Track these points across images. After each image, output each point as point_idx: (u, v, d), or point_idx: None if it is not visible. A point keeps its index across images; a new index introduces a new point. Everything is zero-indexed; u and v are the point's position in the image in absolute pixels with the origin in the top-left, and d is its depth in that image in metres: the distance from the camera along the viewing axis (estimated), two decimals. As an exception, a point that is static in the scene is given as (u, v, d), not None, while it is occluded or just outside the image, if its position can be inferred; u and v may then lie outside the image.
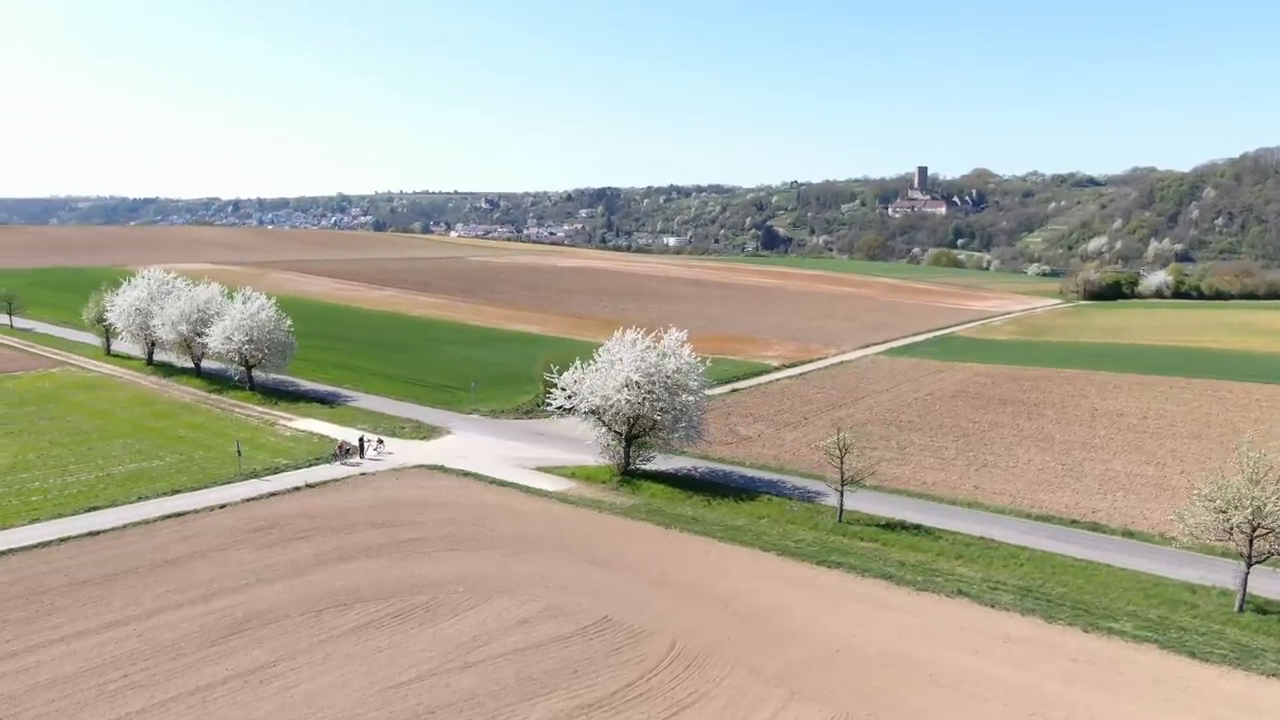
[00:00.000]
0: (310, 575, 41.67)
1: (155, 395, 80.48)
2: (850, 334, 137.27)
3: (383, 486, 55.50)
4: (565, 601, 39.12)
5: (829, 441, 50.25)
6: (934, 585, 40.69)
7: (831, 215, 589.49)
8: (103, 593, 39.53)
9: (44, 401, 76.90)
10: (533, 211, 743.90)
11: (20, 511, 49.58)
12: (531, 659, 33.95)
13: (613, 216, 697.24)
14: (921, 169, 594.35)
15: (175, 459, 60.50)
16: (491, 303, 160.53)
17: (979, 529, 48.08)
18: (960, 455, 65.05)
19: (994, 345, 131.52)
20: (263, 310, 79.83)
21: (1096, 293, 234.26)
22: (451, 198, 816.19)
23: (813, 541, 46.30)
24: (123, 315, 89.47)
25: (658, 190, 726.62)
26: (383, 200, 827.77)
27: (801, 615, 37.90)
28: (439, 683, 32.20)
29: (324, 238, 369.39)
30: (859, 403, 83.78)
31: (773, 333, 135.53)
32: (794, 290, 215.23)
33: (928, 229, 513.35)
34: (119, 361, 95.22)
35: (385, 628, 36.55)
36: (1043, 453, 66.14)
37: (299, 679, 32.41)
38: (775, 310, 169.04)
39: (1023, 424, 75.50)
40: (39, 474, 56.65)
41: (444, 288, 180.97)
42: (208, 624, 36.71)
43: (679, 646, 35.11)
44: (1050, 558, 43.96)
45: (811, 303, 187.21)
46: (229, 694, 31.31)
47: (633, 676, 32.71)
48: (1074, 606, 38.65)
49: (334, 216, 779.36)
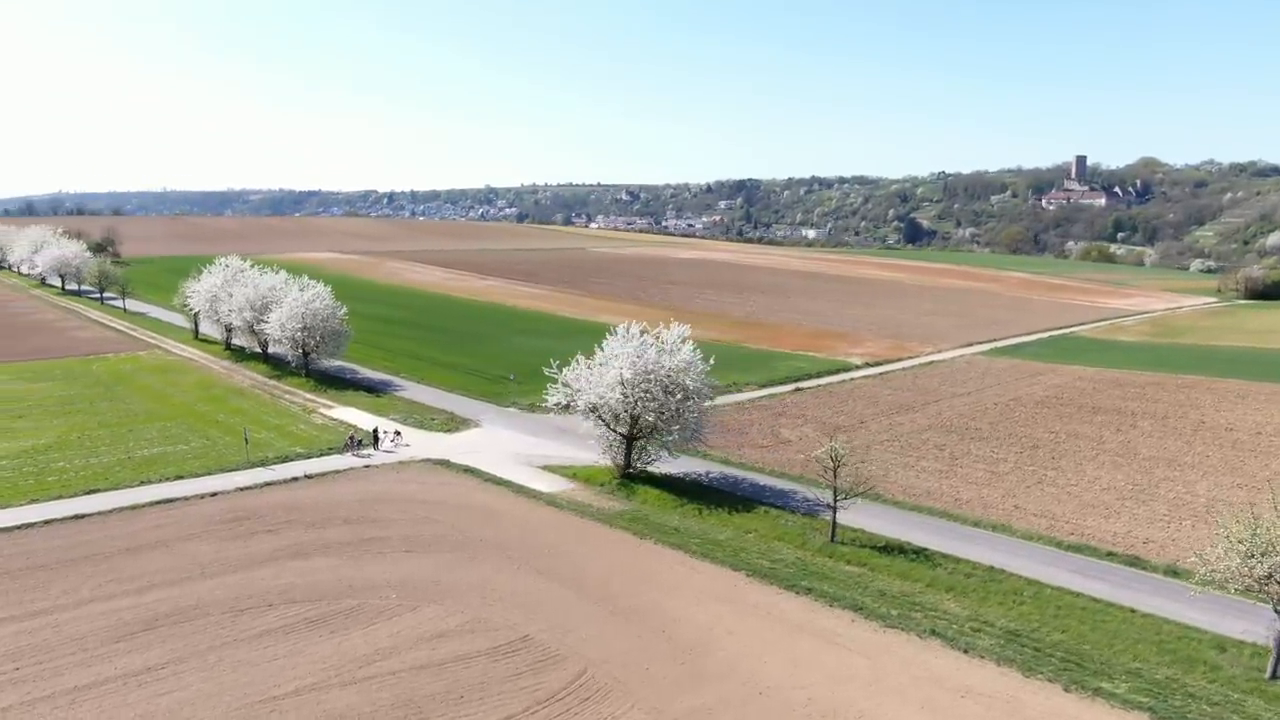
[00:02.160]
0: (255, 571, 40.50)
1: (217, 380, 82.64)
2: (956, 331, 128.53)
3: (378, 481, 54.25)
4: (493, 615, 36.38)
5: (820, 452, 45.41)
6: (907, 622, 35.65)
7: (980, 207, 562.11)
8: (49, 579, 39.47)
9: (115, 383, 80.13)
10: (672, 204, 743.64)
11: (25, 491, 50.82)
12: (422, 679, 31.38)
13: (751, 209, 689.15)
14: (1080, 158, 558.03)
15: (201, 444, 61.25)
16: (590, 294, 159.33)
17: (993, 557, 42.28)
18: (1016, 469, 58.42)
19: (1114, 347, 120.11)
20: (318, 299, 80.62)
21: (1261, 291, 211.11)
22: (594, 190, 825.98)
23: (793, 562, 41.77)
24: (200, 301, 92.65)
25: (798, 182, 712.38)
26: (528, 193, 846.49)
27: (740, 649, 33.78)
28: (312, 700, 30.06)
29: (453, 228, 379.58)
30: (928, 407, 77.29)
31: (871, 329, 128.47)
32: (912, 284, 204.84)
33: (1084, 222, 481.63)
34: (202, 346, 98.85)
35: (295, 634, 34.78)
36: (1116, 470, 58.63)
37: (177, 685, 30.95)
38: (884, 305, 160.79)
39: (1108, 436, 67.53)
40: (69, 454, 58.32)
41: (549, 278, 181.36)
42: (127, 619, 35.88)
43: (587, 675, 31.77)
44: (1061, 595, 37.93)
45: (927, 297, 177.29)
46: (99, 697, 30.13)
47: (517, 708, 29.63)
48: (1065, 658, 32.89)
49: (481, 208, 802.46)
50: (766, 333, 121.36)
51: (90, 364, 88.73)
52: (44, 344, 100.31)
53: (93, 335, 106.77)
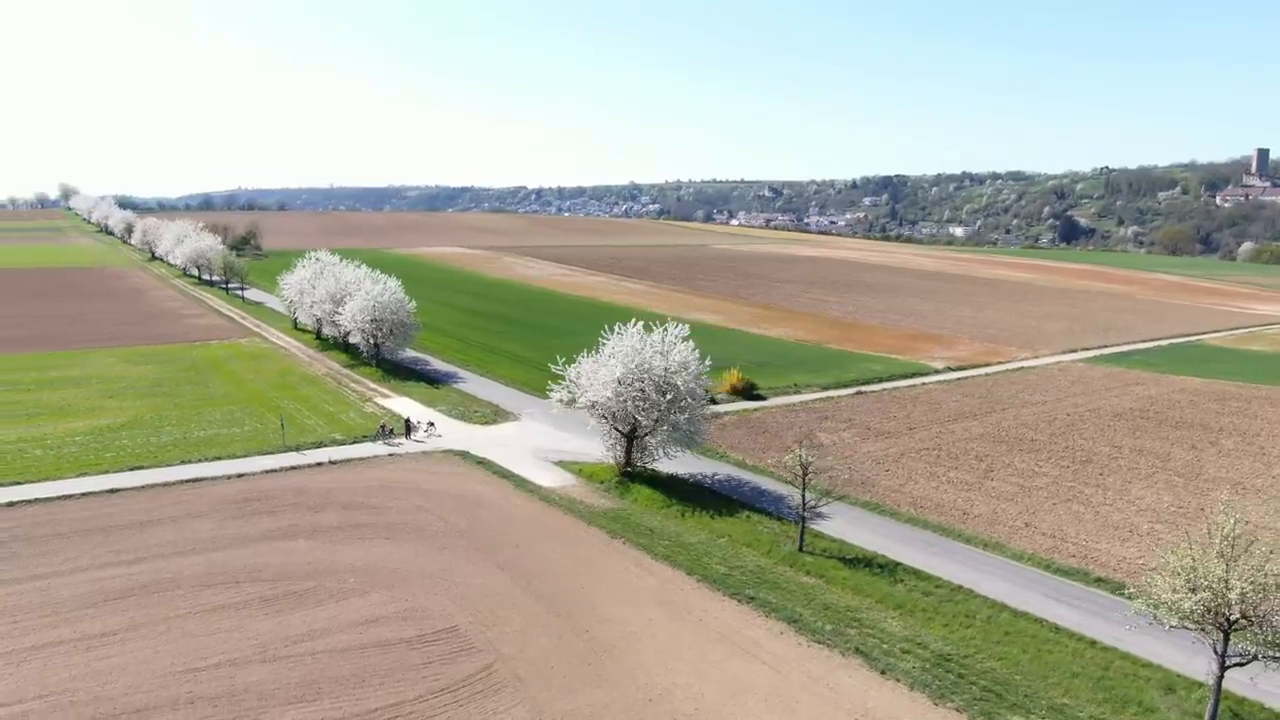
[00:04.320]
0: (239, 550, 42.98)
1: (296, 367, 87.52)
2: (1065, 336, 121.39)
3: (392, 469, 56.32)
4: (432, 605, 37.39)
5: (788, 458, 44.07)
6: (837, 638, 34.35)
7: (1145, 204, 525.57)
8: (60, 547, 43.12)
9: (206, 368, 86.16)
10: (815, 200, 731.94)
11: (80, 465, 55.53)
12: (336, 662, 32.69)
13: (897, 205, 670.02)
14: (1262, 151, 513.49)
15: (254, 428, 65.13)
16: (692, 291, 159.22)
17: (968, 576, 40.08)
18: (1052, 485, 54.99)
19: (1238, 356, 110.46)
20: (386, 292, 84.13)
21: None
22: (737, 186, 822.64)
23: (752, 569, 40.85)
24: (292, 293, 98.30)
25: (948, 177, 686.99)
26: (671, 189, 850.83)
27: (653, 654, 33.47)
28: (226, 674, 31.84)
29: (585, 224, 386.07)
30: (991, 415, 73.57)
31: (973, 331, 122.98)
32: (1042, 285, 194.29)
33: (1264, 220, 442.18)
34: (297, 335, 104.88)
35: (244, 611, 36.80)
36: (1166, 491, 54.32)
37: (120, 651, 33.40)
38: (998, 307, 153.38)
39: (1176, 453, 62.57)
40: (135, 433, 63.26)
41: (657, 275, 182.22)
42: (108, 587, 38.87)
43: (491, 670, 32.29)
44: (1017, 621, 35.59)
45: (1051, 300, 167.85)
46: (46, 657, 32.89)
47: (410, 695, 30.48)
48: (988, 687, 30.93)
49: (625, 204, 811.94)
50: (856, 333, 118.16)
51: (192, 350, 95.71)
52: (163, 330, 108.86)
53: (207, 323, 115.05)
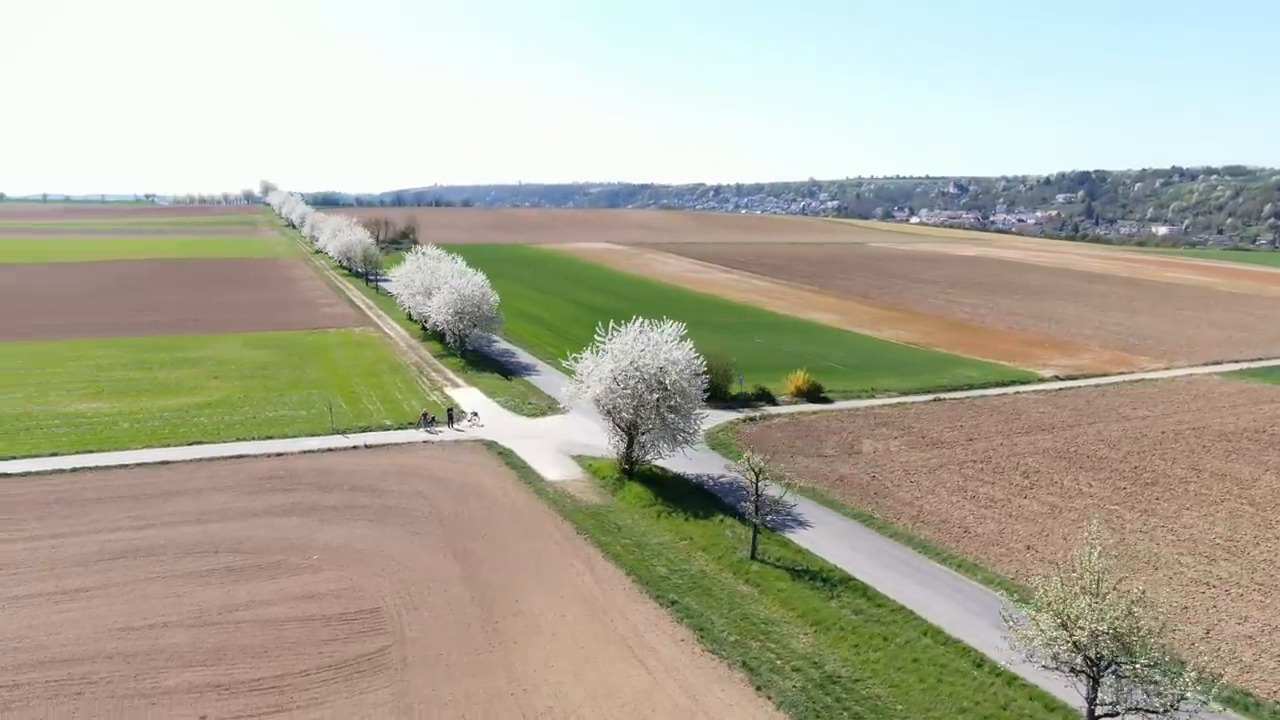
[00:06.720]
0: (236, 523, 46.18)
1: (392, 356, 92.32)
2: (1216, 346, 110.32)
3: (416, 455, 58.63)
4: (370, 585, 38.97)
5: (739, 462, 42.51)
6: (734, 650, 33.15)
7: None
8: (92, 510, 47.77)
9: (310, 354, 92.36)
10: (1004, 197, 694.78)
11: (150, 438, 61.10)
12: (253, 632, 34.76)
13: (1094, 202, 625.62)
14: None
15: (319, 411, 69.19)
16: (822, 290, 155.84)
17: (920, 597, 37.59)
18: (1089, 506, 50.40)
19: None
20: (469, 285, 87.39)
21: None
22: (920, 182, 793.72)
23: (694, 574, 39.95)
24: (397, 285, 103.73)
25: (1155, 173, 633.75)
26: (851, 185, 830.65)
27: (545, 650, 33.55)
28: (155, 634, 34.54)
29: (744, 221, 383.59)
30: (1071, 429, 68.17)
31: (1108, 338, 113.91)
32: (1221, 291, 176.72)
33: None
34: (406, 325, 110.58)
35: (204, 579, 39.62)
36: (1224, 521, 48.79)
37: (82, 606, 36.86)
38: (1153, 312, 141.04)
39: (1267, 480, 56.04)
40: (216, 411, 68.88)
41: (793, 273, 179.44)
42: (108, 548, 42.81)
43: (385, 651, 33.45)
44: (935, 648, 33.04)
45: (1224, 306, 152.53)
46: (18, 607, 36.71)
47: (297, 669, 32.08)
48: (860, 713, 29.03)
49: (803, 201, 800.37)
50: (974, 337, 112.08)
51: (309, 336, 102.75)
52: (295, 317, 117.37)
53: (336, 311, 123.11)
